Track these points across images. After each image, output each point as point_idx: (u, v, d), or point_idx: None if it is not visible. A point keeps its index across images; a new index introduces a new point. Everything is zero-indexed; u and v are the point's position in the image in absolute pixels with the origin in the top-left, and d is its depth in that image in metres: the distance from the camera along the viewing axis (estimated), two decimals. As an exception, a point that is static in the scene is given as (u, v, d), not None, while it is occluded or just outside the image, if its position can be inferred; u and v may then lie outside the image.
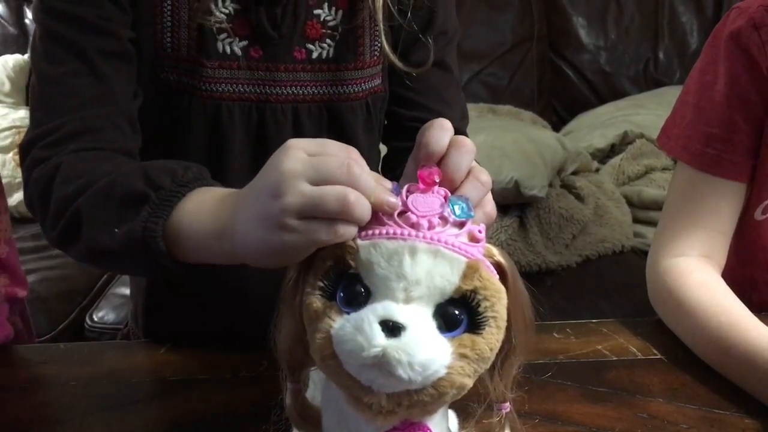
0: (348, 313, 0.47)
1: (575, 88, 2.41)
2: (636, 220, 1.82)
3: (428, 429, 0.51)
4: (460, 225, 0.49)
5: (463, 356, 0.46)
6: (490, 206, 0.54)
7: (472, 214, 0.50)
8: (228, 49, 0.78)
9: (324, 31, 0.81)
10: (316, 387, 0.57)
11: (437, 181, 0.49)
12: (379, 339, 0.44)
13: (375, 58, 0.84)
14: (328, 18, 0.81)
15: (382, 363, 0.44)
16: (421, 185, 0.49)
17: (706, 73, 0.87)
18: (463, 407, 0.55)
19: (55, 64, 0.73)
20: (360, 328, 0.45)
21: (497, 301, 0.48)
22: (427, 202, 0.49)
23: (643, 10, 2.40)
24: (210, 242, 0.57)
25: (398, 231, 0.47)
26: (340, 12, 0.81)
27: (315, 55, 0.81)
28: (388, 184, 0.50)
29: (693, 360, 0.79)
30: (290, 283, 0.52)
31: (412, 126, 0.83)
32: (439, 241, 0.47)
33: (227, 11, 0.77)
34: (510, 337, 0.49)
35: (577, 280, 1.63)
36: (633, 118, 2.10)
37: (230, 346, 0.79)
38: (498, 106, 2.24)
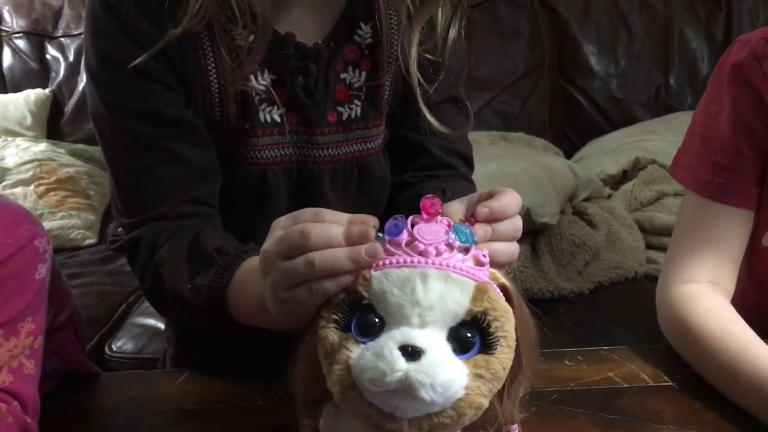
0: (364, 343, 0.48)
1: (587, 114, 2.42)
2: (649, 246, 1.81)
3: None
4: (465, 250, 0.51)
5: (478, 376, 0.48)
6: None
7: (476, 239, 0.52)
8: (269, 118, 0.81)
9: (351, 93, 0.84)
10: (329, 417, 0.59)
11: (440, 211, 0.52)
12: (401, 363, 0.46)
13: (389, 110, 0.87)
14: (354, 80, 0.84)
15: (405, 387, 0.46)
16: (424, 215, 0.51)
17: (711, 105, 0.89)
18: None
19: (137, 156, 0.78)
20: (380, 355, 0.46)
21: (506, 321, 0.50)
22: (432, 231, 0.51)
23: (654, 36, 2.42)
24: (257, 309, 0.63)
25: (408, 259, 0.49)
26: (364, 73, 0.84)
27: (345, 116, 0.84)
28: (373, 221, 0.52)
29: (704, 387, 0.79)
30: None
31: (421, 161, 0.90)
32: (447, 266, 0.49)
33: (266, 82, 0.81)
34: (519, 356, 0.51)
35: (590, 306, 1.62)
36: (645, 144, 2.10)
37: (246, 375, 0.81)
38: (510, 133, 2.26)
